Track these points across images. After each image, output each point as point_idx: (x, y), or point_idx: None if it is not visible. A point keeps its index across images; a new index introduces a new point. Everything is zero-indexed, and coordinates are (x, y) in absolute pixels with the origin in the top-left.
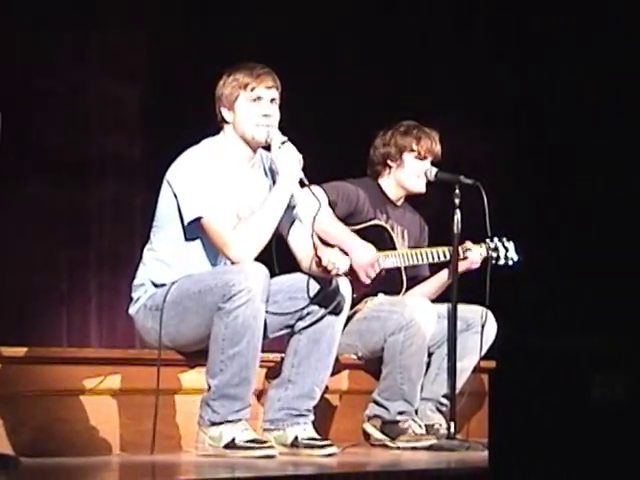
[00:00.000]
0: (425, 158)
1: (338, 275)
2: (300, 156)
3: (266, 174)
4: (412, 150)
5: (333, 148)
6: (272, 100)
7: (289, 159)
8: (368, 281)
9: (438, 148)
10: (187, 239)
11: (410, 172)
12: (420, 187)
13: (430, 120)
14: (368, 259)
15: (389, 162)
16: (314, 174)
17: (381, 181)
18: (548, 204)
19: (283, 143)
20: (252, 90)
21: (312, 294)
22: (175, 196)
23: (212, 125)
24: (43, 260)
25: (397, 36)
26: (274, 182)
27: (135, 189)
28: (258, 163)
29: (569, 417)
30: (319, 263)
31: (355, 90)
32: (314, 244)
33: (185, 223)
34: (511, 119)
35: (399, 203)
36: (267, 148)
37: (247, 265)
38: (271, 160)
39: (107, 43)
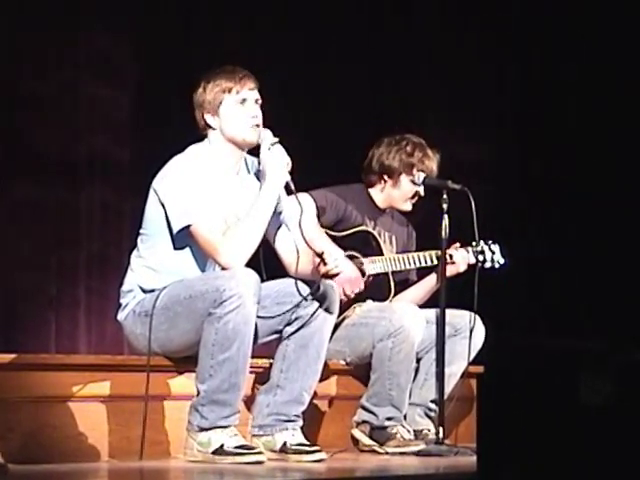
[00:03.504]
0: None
1: (331, 277)
2: (288, 159)
3: (252, 178)
4: (411, 175)
5: (322, 153)
6: (256, 101)
7: (277, 161)
8: (344, 298)
9: (435, 171)
10: (176, 247)
11: (402, 194)
12: (407, 208)
13: (418, 122)
14: (350, 275)
15: (385, 177)
16: (304, 180)
17: (371, 190)
18: (536, 207)
19: (273, 144)
20: (237, 93)
21: (300, 299)
22: (162, 205)
23: (197, 131)
24: (31, 263)
25: (387, 37)
26: (261, 186)
27: (124, 192)
28: (244, 168)
29: (558, 422)
30: (323, 261)
31: (344, 94)
32: (306, 245)
33: (174, 232)
34: (499, 121)
35: (386, 210)
36: (253, 152)
37: (238, 271)
38: (259, 161)
39: (95, 45)
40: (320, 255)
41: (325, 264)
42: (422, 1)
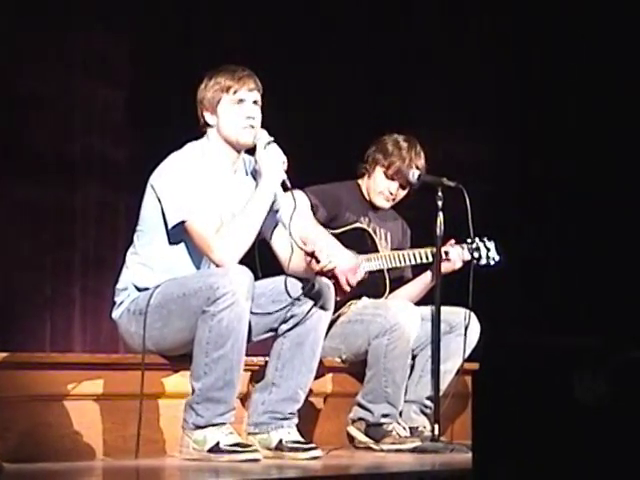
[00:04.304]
0: (393, 180)
1: (326, 273)
2: (284, 158)
3: (249, 178)
4: (383, 166)
5: (321, 153)
6: (254, 102)
7: (272, 160)
8: (347, 288)
9: (405, 170)
10: (171, 243)
11: (375, 186)
12: (380, 203)
13: (418, 122)
14: (349, 265)
15: (367, 166)
16: (303, 179)
17: (360, 182)
18: (532, 204)
19: (268, 144)
20: (235, 93)
21: (295, 297)
22: (159, 200)
23: (197, 128)
24: (27, 262)
25: (387, 37)
26: (257, 185)
27: (120, 191)
28: (241, 167)
29: (553, 419)
30: (315, 258)
31: (343, 94)
32: (298, 242)
33: (169, 227)
34: (499, 119)
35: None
36: (250, 152)
37: (232, 268)
38: (255, 161)
39: (95, 45)
40: (311, 254)
41: (318, 262)
42: (422, 1)
